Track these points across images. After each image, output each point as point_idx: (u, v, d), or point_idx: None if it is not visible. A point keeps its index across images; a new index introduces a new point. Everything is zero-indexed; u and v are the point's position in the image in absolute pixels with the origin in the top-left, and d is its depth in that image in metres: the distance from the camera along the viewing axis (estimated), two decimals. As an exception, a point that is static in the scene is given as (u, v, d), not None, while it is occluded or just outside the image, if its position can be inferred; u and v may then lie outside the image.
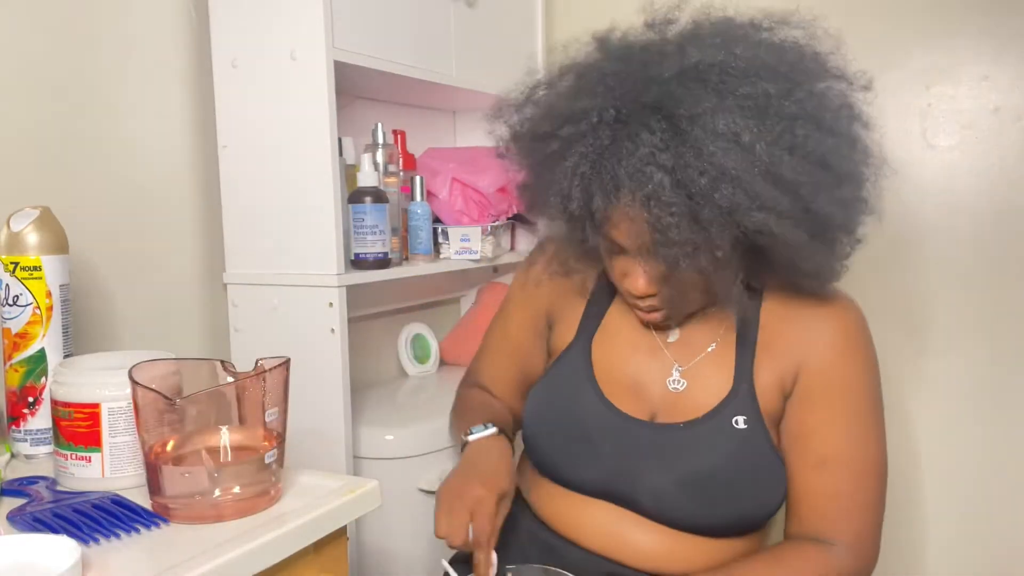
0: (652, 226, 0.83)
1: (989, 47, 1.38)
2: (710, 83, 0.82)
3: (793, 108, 0.82)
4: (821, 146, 0.83)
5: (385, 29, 1.28)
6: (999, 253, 1.40)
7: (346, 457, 1.21)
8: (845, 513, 0.92)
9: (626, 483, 0.95)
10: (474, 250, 1.47)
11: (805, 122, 0.82)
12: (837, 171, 0.85)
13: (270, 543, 0.69)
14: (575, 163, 0.86)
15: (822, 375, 0.94)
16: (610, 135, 0.84)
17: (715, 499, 0.92)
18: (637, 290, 0.91)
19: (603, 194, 0.85)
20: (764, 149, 0.80)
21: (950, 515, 1.48)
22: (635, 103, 0.84)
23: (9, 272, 0.89)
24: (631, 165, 0.82)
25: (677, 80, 0.83)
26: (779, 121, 0.81)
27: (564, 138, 0.87)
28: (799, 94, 0.83)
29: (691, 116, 0.81)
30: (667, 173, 0.81)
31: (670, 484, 0.93)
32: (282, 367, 0.76)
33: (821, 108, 0.85)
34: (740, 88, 0.81)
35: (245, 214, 1.26)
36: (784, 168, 0.80)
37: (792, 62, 0.85)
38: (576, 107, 0.87)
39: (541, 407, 1.03)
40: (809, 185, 0.82)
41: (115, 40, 1.20)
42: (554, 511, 1.01)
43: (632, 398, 0.99)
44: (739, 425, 0.93)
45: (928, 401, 1.47)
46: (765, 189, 0.80)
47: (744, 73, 0.82)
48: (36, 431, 0.91)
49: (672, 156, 0.81)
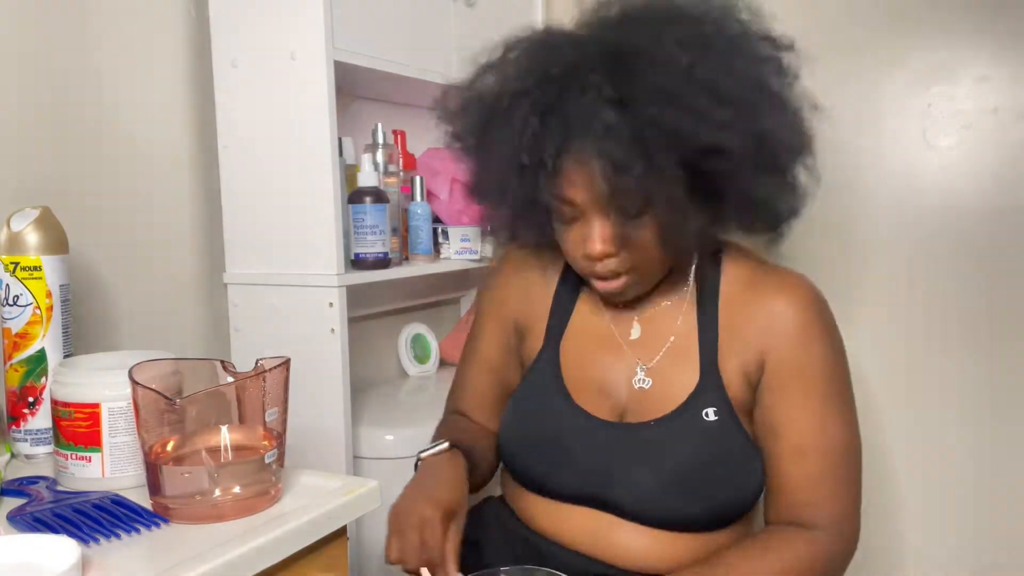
0: (605, 168, 0.84)
1: (989, 47, 1.38)
2: (651, 23, 0.86)
3: (728, 43, 0.87)
4: (755, 71, 0.88)
5: (385, 29, 1.28)
6: (999, 253, 1.40)
7: (346, 457, 1.21)
8: (824, 498, 0.92)
9: (603, 486, 0.95)
10: (474, 250, 1.47)
11: (740, 54, 0.87)
12: (774, 95, 0.89)
13: (270, 543, 0.69)
14: (524, 114, 0.87)
15: (787, 362, 0.94)
16: (558, 88, 0.86)
17: (693, 493, 0.92)
18: (594, 252, 0.90)
19: (553, 143, 0.86)
20: (703, 71, 0.83)
21: (939, 511, 1.48)
22: (581, 55, 0.87)
23: (9, 272, 0.89)
24: (579, 107, 0.84)
25: (620, 26, 0.88)
26: (716, 51, 0.85)
27: (511, 93, 0.89)
28: (732, 28, 0.88)
29: (634, 52, 0.84)
30: (614, 108, 0.82)
31: (646, 483, 0.93)
32: (282, 367, 0.76)
33: (751, 44, 0.89)
34: (678, 27, 0.86)
35: (245, 214, 1.26)
36: (724, 85, 0.83)
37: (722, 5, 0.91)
38: (522, 68, 0.90)
39: (514, 419, 1.04)
40: (750, 101, 0.85)
41: (115, 40, 1.20)
42: (538, 519, 1.01)
43: (600, 400, 0.99)
44: (709, 418, 0.93)
45: (927, 400, 1.47)
46: (709, 105, 0.82)
47: (681, 14, 0.88)
48: (36, 431, 0.91)
49: (617, 91, 0.83)
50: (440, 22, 1.41)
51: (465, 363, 1.16)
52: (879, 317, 1.46)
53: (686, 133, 0.82)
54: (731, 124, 0.83)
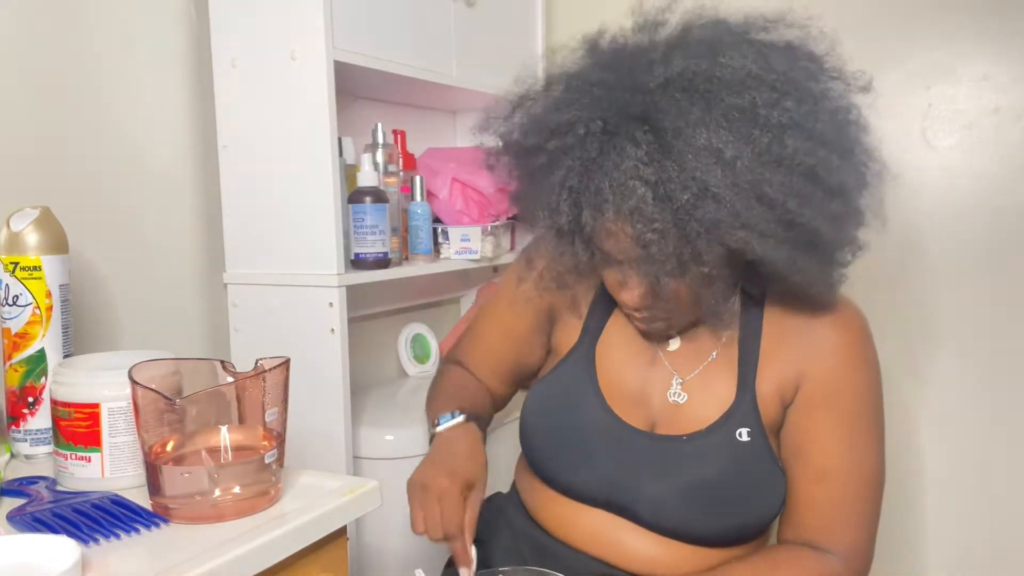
0: (635, 241, 0.82)
1: (989, 47, 1.38)
2: (696, 93, 0.80)
3: (782, 118, 0.79)
4: (810, 158, 0.80)
5: (385, 29, 1.28)
6: (999, 253, 1.40)
7: (346, 457, 1.21)
8: (842, 524, 0.91)
9: (622, 492, 0.94)
10: (474, 250, 1.47)
11: (794, 132, 0.80)
12: (827, 184, 0.82)
13: (270, 543, 0.69)
14: (563, 176, 0.84)
15: (824, 384, 0.93)
16: (597, 147, 0.83)
17: (714, 509, 0.92)
18: (630, 302, 0.90)
19: (591, 208, 0.83)
20: (747, 165, 0.78)
21: (950, 515, 1.48)
22: (622, 114, 0.82)
23: (9, 272, 0.89)
24: (615, 178, 0.80)
25: (662, 90, 0.81)
26: (766, 133, 0.79)
27: (551, 151, 0.86)
28: (787, 103, 0.80)
29: (675, 129, 0.79)
30: (650, 187, 0.79)
31: (669, 495, 0.92)
32: (282, 367, 0.76)
33: (812, 116, 0.81)
34: (726, 98, 0.79)
35: (245, 214, 1.26)
36: (768, 185, 0.78)
37: (782, 68, 0.83)
38: (563, 119, 0.85)
39: (542, 408, 1.02)
40: (796, 199, 0.80)
41: (115, 40, 1.20)
42: (549, 515, 1.01)
43: (633, 407, 0.98)
44: (743, 438, 0.92)
45: (928, 400, 1.47)
46: (747, 206, 0.78)
47: (730, 82, 0.80)
48: (36, 431, 0.91)
49: (656, 170, 0.79)
50: (440, 22, 1.40)
51: (485, 321, 1.15)
52: (877, 316, 1.46)
53: (720, 231, 0.79)
54: (771, 230, 0.80)
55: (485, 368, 1.14)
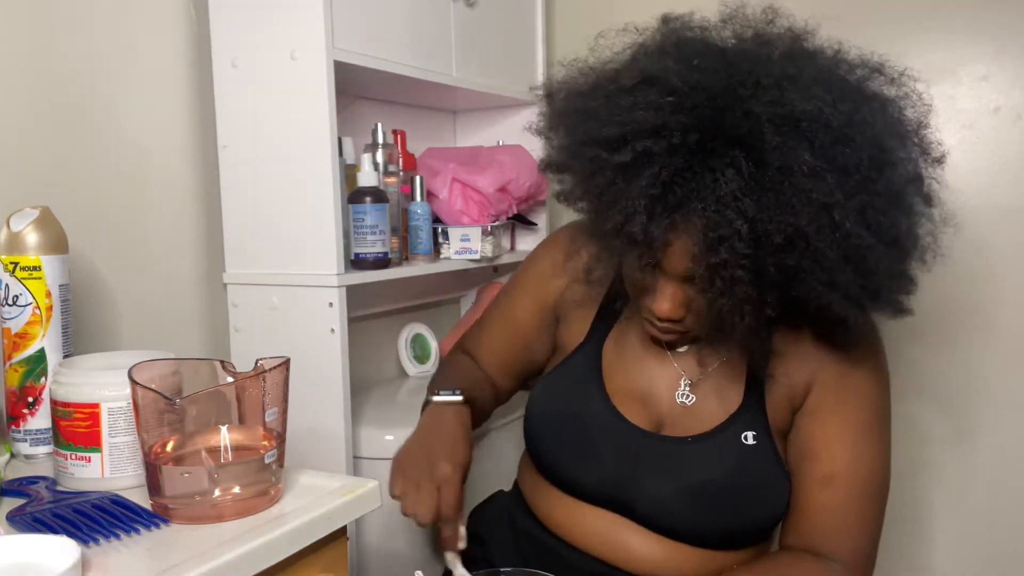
0: (713, 269, 0.78)
1: (989, 47, 1.38)
2: (807, 137, 0.77)
3: (880, 184, 0.78)
4: (896, 227, 0.80)
5: (385, 29, 1.28)
6: (999, 253, 1.40)
7: (346, 457, 1.21)
8: (846, 530, 0.91)
9: (626, 491, 0.94)
10: (474, 250, 1.47)
11: (888, 199, 0.79)
12: (903, 250, 0.82)
13: (270, 543, 0.69)
14: (646, 184, 0.80)
15: (834, 389, 0.93)
16: (687, 159, 0.79)
17: (717, 512, 0.92)
18: (661, 312, 0.87)
19: (669, 221, 0.80)
20: (850, 224, 0.76)
21: (954, 530, 1.48)
22: (722, 132, 0.78)
23: (9, 272, 0.89)
24: (710, 201, 0.77)
25: (772, 122, 0.77)
26: (865, 194, 0.77)
27: (639, 152, 0.80)
28: (888, 171, 0.79)
29: (782, 168, 0.76)
30: (746, 221, 0.76)
31: (672, 496, 0.92)
32: (282, 367, 0.76)
33: (903, 184, 0.81)
34: (836, 150, 0.77)
35: (245, 214, 1.26)
36: (858, 246, 0.77)
37: (886, 128, 0.81)
38: (655, 120, 0.80)
39: (546, 405, 1.02)
40: (875, 263, 0.79)
41: (115, 40, 1.20)
42: (552, 512, 1.01)
43: (639, 407, 0.97)
44: (748, 441, 0.92)
45: (928, 401, 1.47)
46: (837, 264, 0.77)
47: (843, 135, 0.77)
48: (36, 431, 0.91)
49: (755, 205, 0.76)
50: (440, 22, 1.40)
51: (493, 317, 1.16)
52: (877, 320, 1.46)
53: (801, 281, 0.78)
54: (850, 290, 0.79)
55: (492, 361, 1.14)
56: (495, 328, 1.15)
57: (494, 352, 1.14)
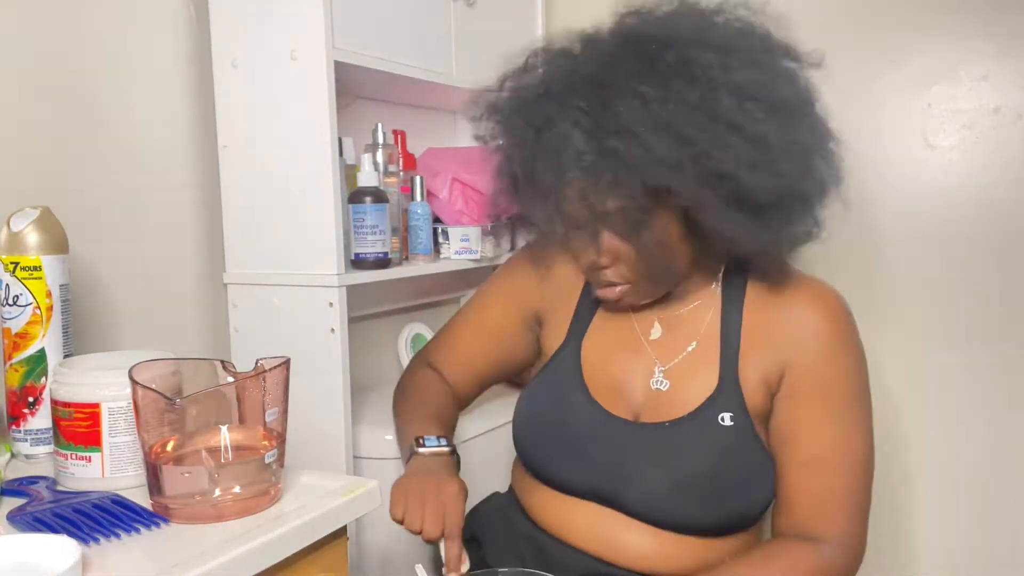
0: (582, 190, 0.88)
1: (989, 47, 1.38)
2: (642, 54, 0.86)
3: (722, 77, 0.84)
4: (744, 115, 0.84)
5: (385, 29, 1.28)
6: (999, 253, 1.40)
7: (346, 457, 1.21)
8: (835, 509, 0.92)
9: (614, 484, 0.95)
10: (474, 250, 1.47)
11: (733, 92, 0.84)
12: (750, 134, 0.84)
13: (270, 543, 0.69)
14: (522, 129, 0.91)
15: (810, 371, 0.94)
16: (551, 108, 0.89)
17: (703, 498, 0.93)
18: (585, 262, 0.95)
19: (545, 166, 0.89)
20: (670, 108, 0.83)
21: (947, 515, 1.48)
22: (571, 78, 0.89)
23: (9, 272, 0.89)
24: (560, 132, 0.86)
25: (612, 53, 0.88)
26: (704, 88, 0.84)
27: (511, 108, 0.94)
28: (735, 65, 0.85)
29: (611, 82, 0.85)
30: (585, 134, 0.85)
31: (658, 484, 0.93)
32: (282, 367, 0.76)
33: (759, 83, 0.86)
34: (667, 55, 0.85)
35: (245, 214, 1.26)
36: (685, 125, 0.83)
37: (727, 39, 0.88)
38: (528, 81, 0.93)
39: (532, 409, 1.04)
40: (720, 148, 0.84)
41: (115, 40, 1.20)
42: (545, 511, 1.01)
43: (617, 398, 0.99)
44: (725, 422, 0.93)
45: (927, 403, 1.47)
46: (662, 144, 0.83)
47: (677, 43, 0.86)
48: (36, 431, 0.91)
49: (592, 120, 0.85)
50: (440, 22, 1.40)
51: (465, 325, 1.18)
52: (878, 317, 1.46)
53: (644, 171, 0.84)
54: (689, 170, 0.84)
55: (463, 371, 1.15)
56: (472, 335, 1.16)
57: (468, 362, 1.16)
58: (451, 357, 1.17)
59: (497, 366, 1.15)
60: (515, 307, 1.12)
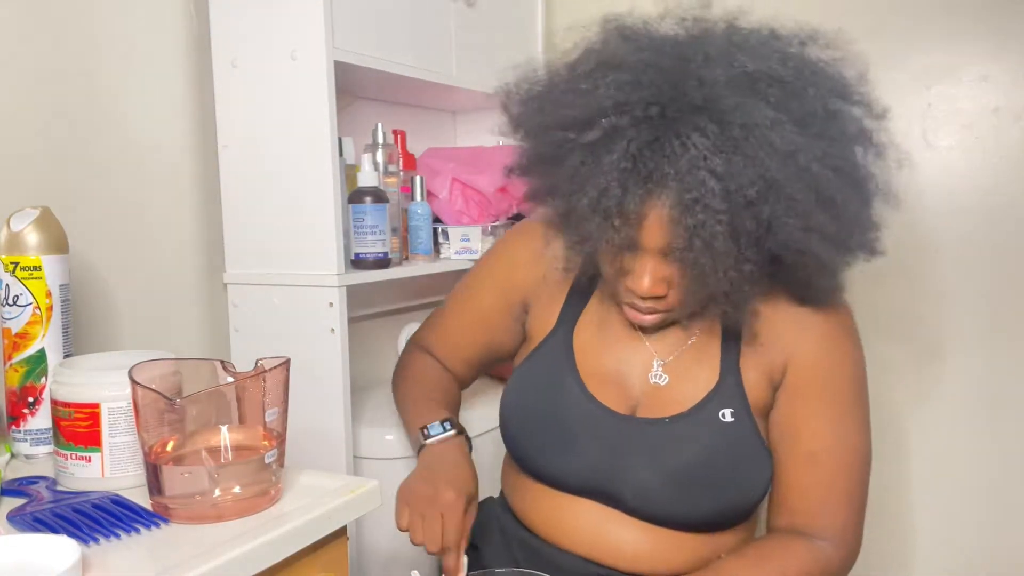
0: (692, 231, 0.81)
1: (989, 47, 1.38)
2: (762, 94, 0.81)
3: (835, 131, 0.83)
4: (856, 170, 0.85)
5: (385, 29, 1.28)
6: (999, 253, 1.40)
7: (346, 457, 1.21)
8: (832, 507, 0.92)
9: (608, 479, 0.94)
10: (474, 250, 1.47)
11: (844, 145, 0.84)
12: (865, 193, 0.86)
13: (270, 543, 0.69)
14: (617, 158, 0.82)
15: (812, 367, 0.94)
16: (653, 132, 0.82)
17: (700, 493, 0.92)
18: (642, 289, 0.88)
19: (643, 192, 0.82)
20: (816, 167, 0.80)
21: (941, 519, 1.48)
22: (682, 102, 0.81)
23: (9, 272, 0.89)
24: (680, 166, 0.80)
25: (727, 85, 0.81)
26: (823, 140, 0.82)
27: (606, 130, 0.83)
28: (840, 119, 0.84)
29: (744, 125, 0.79)
30: (718, 179, 0.79)
31: (654, 479, 0.92)
32: (282, 367, 0.76)
33: (854, 133, 0.86)
34: (792, 103, 0.82)
35: (245, 214, 1.26)
36: (829, 186, 0.81)
37: (830, 86, 0.86)
38: (618, 98, 0.83)
39: (520, 397, 1.02)
40: (844, 202, 0.83)
41: (115, 40, 1.20)
42: (537, 513, 1.01)
43: (613, 391, 0.98)
44: (726, 418, 0.93)
45: (926, 404, 1.47)
46: (809, 207, 0.81)
47: (795, 88, 0.83)
48: (36, 431, 0.91)
49: (724, 162, 0.79)
50: (440, 22, 1.40)
51: (455, 309, 1.16)
52: (878, 319, 1.46)
53: (780, 229, 0.82)
54: (828, 231, 0.83)
55: (456, 355, 1.14)
56: (461, 320, 1.15)
57: (460, 347, 1.15)
58: (442, 341, 1.16)
59: (488, 350, 1.13)
60: (502, 294, 1.09)
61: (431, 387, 1.10)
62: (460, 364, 1.15)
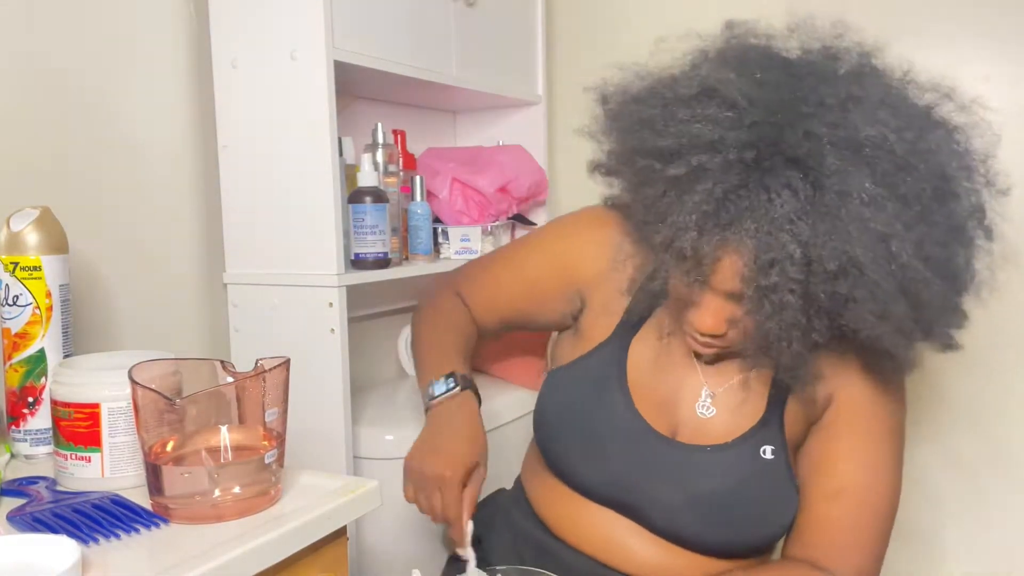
0: (763, 292, 0.77)
1: (989, 47, 1.38)
2: (868, 162, 0.75)
3: (941, 215, 0.77)
4: (954, 260, 0.79)
5: (385, 29, 1.28)
6: (999, 253, 1.40)
7: (346, 457, 1.21)
8: (851, 546, 0.90)
9: (633, 493, 0.94)
10: (474, 250, 1.47)
11: (948, 232, 0.78)
12: (960, 284, 0.81)
13: (270, 543, 0.69)
14: (700, 200, 0.78)
15: (854, 405, 0.92)
16: (742, 177, 0.77)
17: (726, 522, 0.91)
18: (704, 327, 0.85)
19: (720, 239, 0.78)
20: (907, 257, 0.74)
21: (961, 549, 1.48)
22: (780, 151, 0.76)
23: (9, 272, 0.89)
24: (764, 222, 0.75)
25: (833, 145, 0.75)
26: (924, 225, 0.76)
27: (693, 167, 0.79)
28: (950, 202, 0.78)
29: (840, 193, 0.74)
30: (800, 246, 0.74)
31: (682, 503, 0.91)
32: (282, 367, 0.76)
33: (964, 216, 0.80)
34: (898, 178, 0.75)
35: (245, 214, 1.26)
36: (915, 279, 0.75)
37: (952, 157, 0.80)
38: (713, 136, 0.78)
39: (565, 396, 1.00)
40: (930, 297, 0.77)
41: (115, 40, 1.20)
42: (554, 511, 1.00)
43: (657, 411, 0.96)
44: (767, 455, 0.91)
45: (925, 405, 1.47)
46: (891, 295, 0.75)
47: (906, 163, 0.75)
48: (36, 431, 0.90)
49: (810, 229, 0.74)
50: (440, 22, 1.40)
51: (504, 268, 1.11)
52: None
53: (852, 310, 0.77)
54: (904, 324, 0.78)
55: (491, 308, 1.11)
56: (507, 280, 1.10)
57: (497, 305, 1.10)
58: (481, 293, 1.11)
59: (524, 317, 1.09)
60: (560, 275, 1.04)
61: (454, 333, 1.07)
62: (492, 320, 1.11)
